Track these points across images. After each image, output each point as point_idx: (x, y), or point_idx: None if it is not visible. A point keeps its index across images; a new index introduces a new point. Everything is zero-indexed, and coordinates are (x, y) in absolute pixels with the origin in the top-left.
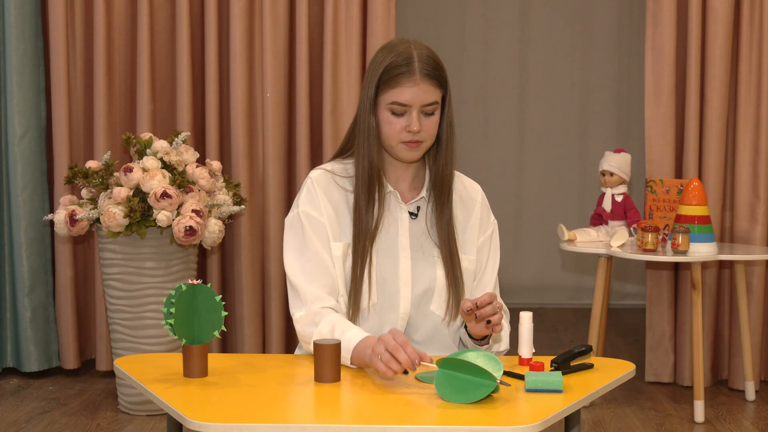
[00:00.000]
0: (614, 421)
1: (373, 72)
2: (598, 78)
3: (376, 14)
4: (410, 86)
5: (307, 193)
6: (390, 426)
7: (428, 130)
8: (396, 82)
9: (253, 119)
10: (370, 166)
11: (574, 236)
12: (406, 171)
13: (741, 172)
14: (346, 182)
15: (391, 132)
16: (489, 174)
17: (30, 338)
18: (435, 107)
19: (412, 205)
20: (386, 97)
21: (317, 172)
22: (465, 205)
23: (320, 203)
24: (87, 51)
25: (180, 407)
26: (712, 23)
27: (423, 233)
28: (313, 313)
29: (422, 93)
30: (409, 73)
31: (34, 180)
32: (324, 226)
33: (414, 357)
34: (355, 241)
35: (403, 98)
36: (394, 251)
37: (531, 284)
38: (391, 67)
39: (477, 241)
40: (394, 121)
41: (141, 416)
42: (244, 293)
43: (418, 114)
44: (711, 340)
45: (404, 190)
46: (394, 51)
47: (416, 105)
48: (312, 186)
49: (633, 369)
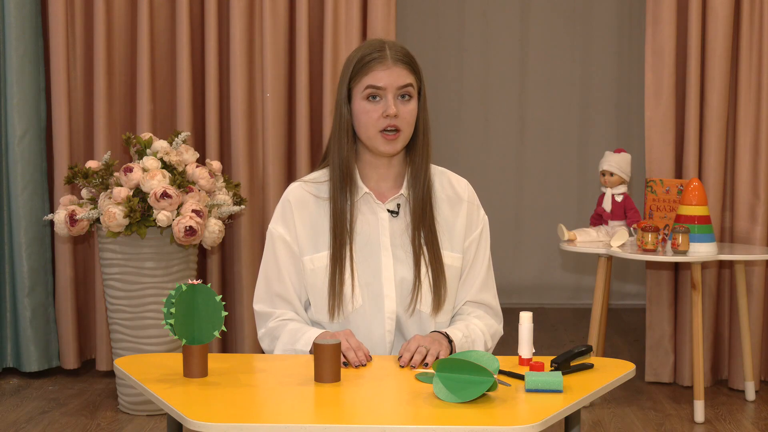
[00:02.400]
0: (614, 421)
1: (346, 68)
2: (598, 78)
3: (376, 14)
4: (383, 69)
5: (280, 211)
6: (390, 426)
7: (405, 117)
8: (369, 68)
9: (253, 119)
10: (341, 162)
11: (574, 236)
12: (388, 169)
13: (741, 172)
14: (322, 190)
15: (368, 121)
16: (489, 174)
17: (30, 338)
18: (410, 91)
19: (391, 203)
20: (360, 84)
21: (292, 188)
22: (451, 203)
23: (294, 220)
24: (87, 51)
25: (180, 407)
26: (712, 23)
27: (405, 231)
28: (272, 329)
29: (396, 76)
30: (382, 58)
31: (34, 180)
32: (288, 245)
33: (362, 358)
34: (333, 248)
35: (377, 81)
36: (376, 251)
37: (531, 284)
38: (362, 56)
39: (464, 241)
40: (371, 108)
41: (141, 416)
42: (244, 293)
43: (393, 98)
44: (711, 340)
45: (385, 189)
46: (365, 45)
47: (391, 88)
48: (286, 204)
49: (633, 369)
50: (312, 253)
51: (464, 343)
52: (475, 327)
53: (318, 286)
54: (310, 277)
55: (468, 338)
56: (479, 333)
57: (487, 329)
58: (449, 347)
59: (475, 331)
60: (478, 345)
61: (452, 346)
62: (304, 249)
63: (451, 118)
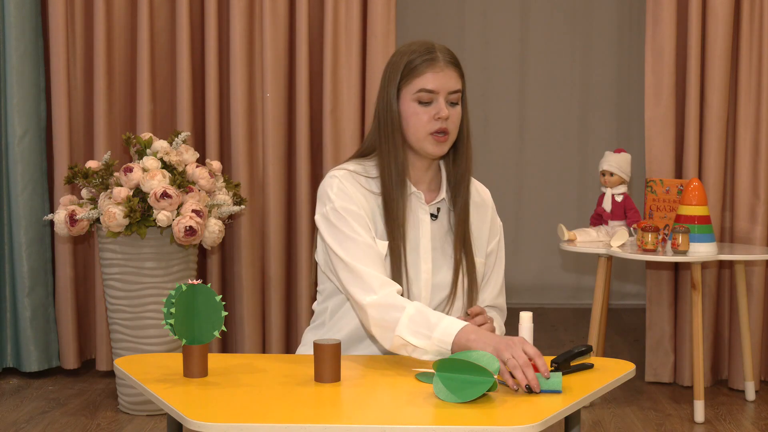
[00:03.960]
0: (614, 421)
1: (394, 68)
2: (598, 78)
3: (376, 14)
4: (436, 71)
5: (338, 189)
6: (390, 426)
7: (454, 120)
8: (421, 70)
9: (253, 119)
10: (397, 164)
11: (574, 236)
12: (426, 172)
13: (741, 172)
14: (369, 183)
15: (418, 123)
16: (489, 174)
17: (30, 338)
18: (459, 97)
19: (433, 207)
20: (411, 87)
21: (342, 172)
22: (479, 209)
23: (354, 198)
24: (87, 51)
25: (180, 407)
26: (712, 23)
27: (443, 235)
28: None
29: (448, 79)
30: (433, 60)
31: (34, 180)
32: (364, 219)
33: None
34: (390, 241)
35: (429, 84)
36: (417, 253)
37: (531, 284)
38: (413, 59)
39: (487, 246)
40: (421, 111)
41: (141, 416)
42: (244, 293)
43: (444, 101)
44: (711, 340)
45: (424, 191)
46: (413, 47)
47: (443, 91)
48: (341, 183)
49: (633, 369)
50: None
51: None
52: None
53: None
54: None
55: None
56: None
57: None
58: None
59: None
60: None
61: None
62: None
63: None
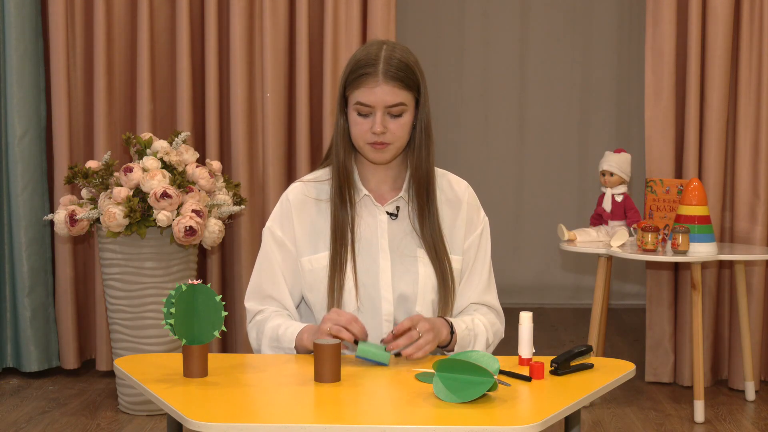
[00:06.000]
0: (614, 421)
1: (343, 75)
2: (598, 78)
3: (376, 14)
4: (372, 87)
5: (279, 210)
6: (390, 426)
7: (395, 132)
8: (359, 82)
9: (253, 119)
10: (340, 167)
11: (574, 236)
12: (386, 172)
13: (741, 172)
14: (323, 191)
15: (357, 132)
16: (489, 174)
17: (30, 338)
18: (401, 109)
19: (390, 206)
20: (352, 97)
21: (293, 188)
22: (451, 205)
23: (293, 220)
24: (87, 51)
25: (180, 407)
26: (712, 23)
27: (405, 234)
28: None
29: (384, 94)
30: (373, 74)
31: (34, 180)
32: (283, 244)
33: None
34: (333, 249)
35: (365, 99)
36: (374, 254)
37: (531, 284)
38: (357, 66)
39: (464, 242)
40: (360, 121)
41: (141, 416)
42: (243, 293)
43: (382, 115)
44: (711, 340)
45: (384, 191)
46: (365, 51)
47: (379, 106)
48: (285, 203)
49: (633, 369)
50: (311, 253)
51: (466, 335)
52: (479, 322)
53: (317, 287)
54: (309, 278)
55: (471, 331)
56: (482, 328)
57: (490, 326)
58: (449, 338)
59: (478, 325)
60: (480, 339)
61: (453, 338)
62: (302, 249)
63: (451, 118)
